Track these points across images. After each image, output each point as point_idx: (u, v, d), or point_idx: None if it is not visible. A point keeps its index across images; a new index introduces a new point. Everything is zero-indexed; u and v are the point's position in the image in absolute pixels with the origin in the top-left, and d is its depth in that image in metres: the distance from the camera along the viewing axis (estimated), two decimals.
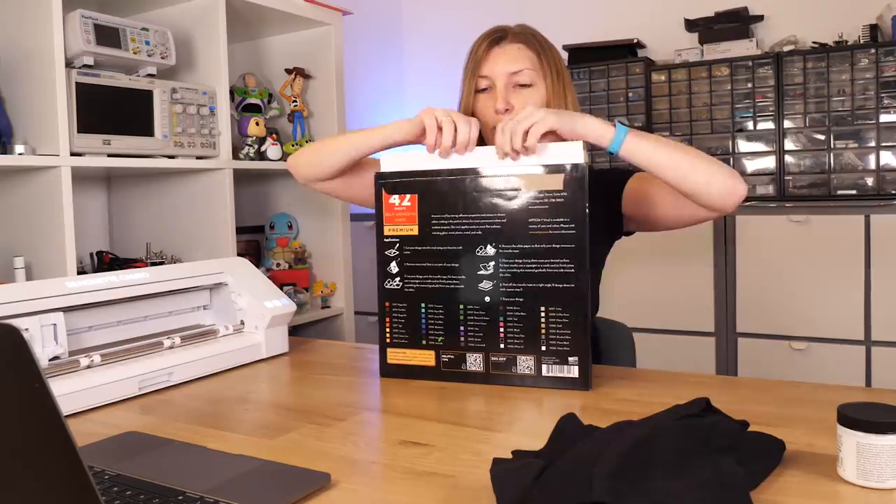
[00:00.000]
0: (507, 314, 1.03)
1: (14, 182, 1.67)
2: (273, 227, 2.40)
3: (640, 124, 2.64)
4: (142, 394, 1.05)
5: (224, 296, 1.29)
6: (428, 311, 1.08)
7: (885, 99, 2.29)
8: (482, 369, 1.05)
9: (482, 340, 1.05)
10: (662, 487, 0.59)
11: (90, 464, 0.60)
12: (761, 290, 2.30)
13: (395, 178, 1.10)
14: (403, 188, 1.09)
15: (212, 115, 1.89)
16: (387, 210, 1.10)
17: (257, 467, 0.74)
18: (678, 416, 0.70)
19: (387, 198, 1.10)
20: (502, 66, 1.24)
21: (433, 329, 1.08)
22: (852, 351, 2.18)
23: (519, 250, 1.02)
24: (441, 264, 1.07)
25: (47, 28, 1.54)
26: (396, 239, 1.10)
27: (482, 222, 1.04)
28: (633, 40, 2.76)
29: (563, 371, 1.01)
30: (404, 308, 1.09)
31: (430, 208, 1.08)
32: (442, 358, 1.07)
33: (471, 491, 0.68)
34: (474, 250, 1.05)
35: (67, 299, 1.04)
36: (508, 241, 1.03)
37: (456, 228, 1.06)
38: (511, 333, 1.03)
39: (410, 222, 1.09)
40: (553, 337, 1.01)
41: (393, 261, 1.10)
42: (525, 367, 1.03)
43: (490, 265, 1.04)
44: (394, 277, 1.10)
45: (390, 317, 1.10)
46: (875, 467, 0.63)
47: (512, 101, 1.23)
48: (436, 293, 1.07)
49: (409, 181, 1.09)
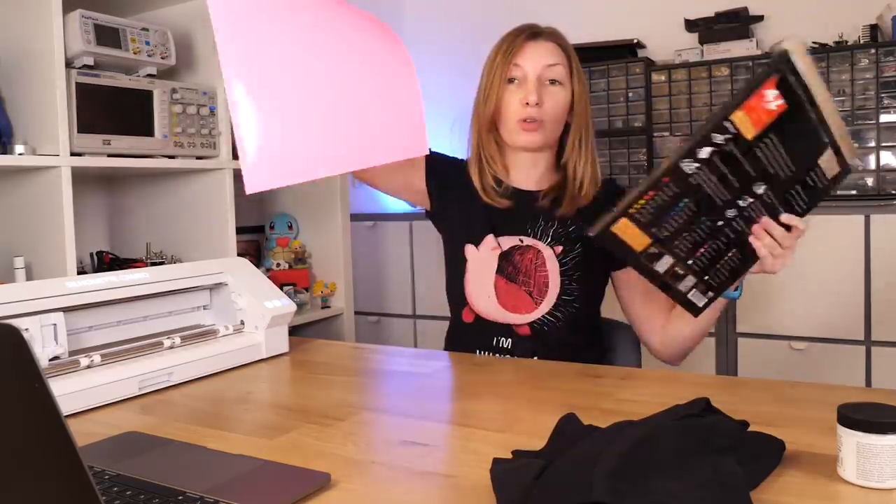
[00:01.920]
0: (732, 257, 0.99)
1: (14, 182, 1.67)
2: (273, 227, 2.40)
3: (640, 124, 2.64)
4: (142, 394, 1.05)
5: (224, 296, 1.29)
6: (685, 208, 0.93)
7: (885, 99, 2.29)
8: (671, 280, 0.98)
9: (699, 265, 0.97)
10: (662, 487, 0.59)
11: (90, 464, 0.60)
12: (761, 290, 2.30)
13: (797, 78, 0.88)
14: (790, 96, 0.89)
15: (212, 115, 1.89)
16: (755, 97, 0.89)
17: (257, 467, 0.74)
18: (678, 416, 0.70)
19: (767, 86, 0.89)
20: (539, 58, 1.25)
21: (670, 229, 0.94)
22: (852, 351, 2.18)
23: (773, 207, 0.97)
24: (736, 185, 0.93)
25: (47, 28, 1.54)
26: (733, 132, 0.90)
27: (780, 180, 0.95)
28: (633, 40, 2.76)
29: None
30: (672, 194, 0.92)
31: (783, 133, 0.91)
32: (650, 251, 0.95)
33: (471, 491, 0.68)
34: (761, 196, 0.95)
35: (67, 299, 1.04)
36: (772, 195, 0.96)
37: (771, 165, 0.93)
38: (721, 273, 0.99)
39: (756, 125, 0.90)
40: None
41: (709, 146, 0.90)
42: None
43: (751, 210, 0.97)
44: (694, 161, 0.91)
45: (656, 190, 0.92)
46: (875, 467, 0.63)
47: (543, 96, 1.25)
48: (705, 203, 0.93)
49: (805, 101, 0.90)
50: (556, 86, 1.26)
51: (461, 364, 1.20)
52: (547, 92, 1.25)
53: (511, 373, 1.12)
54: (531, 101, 1.23)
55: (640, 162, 2.65)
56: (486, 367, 1.16)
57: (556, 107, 1.26)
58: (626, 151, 2.66)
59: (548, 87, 1.26)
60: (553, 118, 1.26)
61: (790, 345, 2.26)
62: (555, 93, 1.26)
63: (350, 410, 0.95)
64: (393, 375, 1.17)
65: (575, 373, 1.09)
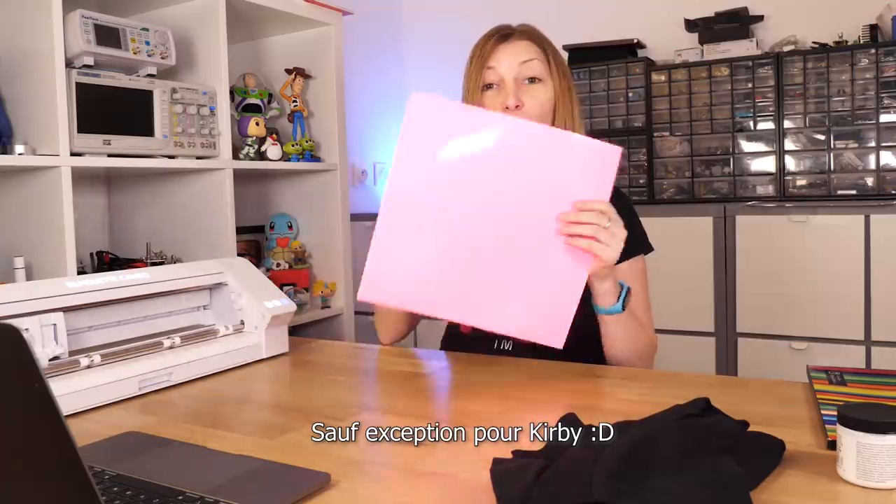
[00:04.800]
0: None
1: (14, 182, 1.67)
2: (273, 227, 2.40)
3: (640, 124, 2.64)
4: (142, 394, 1.05)
5: (224, 296, 1.29)
6: None
7: (885, 99, 2.29)
8: None
9: None
10: (662, 487, 0.59)
11: (90, 464, 0.60)
12: (761, 290, 2.30)
13: None
14: None
15: (212, 115, 1.89)
16: None
17: (257, 467, 0.74)
18: (678, 416, 0.70)
19: None
20: (513, 58, 1.21)
21: None
22: (852, 351, 2.18)
23: None
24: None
25: (47, 28, 1.54)
26: None
27: None
28: (633, 40, 2.76)
29: None
30: None
31: None
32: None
33: (471, 491, 0.68)
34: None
35: (67, 299, 1.04)
36: None
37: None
38: None
39: None
40: None
41: None
42: None
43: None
44: None
45: None
46: (875, 467, 0.63)
47: (522, 97, 1.20)
48: None
49: None
50: (535, 83, 1.21)
51: (461, 364, 1.20)
52: (526, 92, 1.21)
53: (511, 373, 1.12)
54: (510, 104, 1.18)
55: (640, 162, 2.65)
56: (486, 367, 1.16)
57: (539, 105, 1.21)
58: (626, 151, 2.66)
59: (527, 87, 1.21)
60: (537, 117, 1.21)
61: (790, 345, 2.26)
62: (535, 91, 1.21)
63: (350, 410, 0.95)
64: (393, 375, 1.17)
65: (575, 373, 1.09)
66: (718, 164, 2.54)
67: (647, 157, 2.63)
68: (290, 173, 2.38)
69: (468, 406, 0.97)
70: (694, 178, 2.57)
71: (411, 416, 0.93)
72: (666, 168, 2.62)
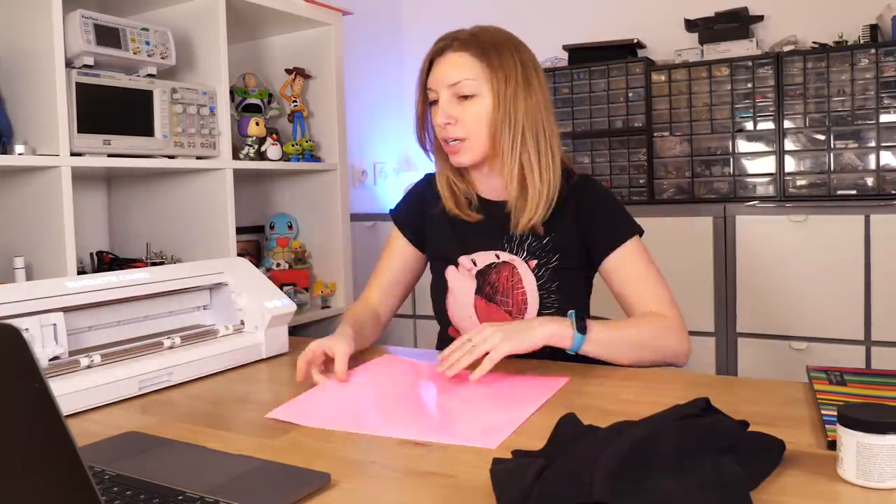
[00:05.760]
0: None
1: (14, 182, 1.67)
2: (273, 227, 2.40)
3: (640, 124, 2.64)
4: (142, 394, 1.05)
5: (224, 296, 1.29)
6: None
7: (885, 99, 2.29)
8: None
9: None
10: (662, 487, 0.59)
11: (90, 464, 0.60)
12: (761, 290, 2.30)
13: None
14: None
15: (212, 115, 1.89)
16: None
17: (257, 467, 0.74)
18: (678, 416, 0.70)
19: None
20: (444, 77, 1.21)
21: None
22: (852, 351, 2.18)
23: None
24: None
25: (47, 28, 1.54)
26: None
27: None
28: (633, 40, 2.76)
29: None
30: None
31: None
32: None
33: (471, 491, 0.68)
34: None
35: (67, 299, 1.04)
36: None
37: None
38: None
39: None
40: None
41: None
42: None
43: None
44: None
45: None
46: (875, 467, 0.63)
47: (454, 113, 1.20)
48: None
49: None
50: (469, 100, 1.20)
51: None
52: (460, 108, 1.20)
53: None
54: (440, 123, 1.21)
55: (640, 162, 2.65)
56: None
57: (475, 120, 1.20)
58: (626, 151, 2.66)
59: (461, 103, 1.21)
60: (475, 132, 1.20)
61: (790, 345, 2.26)
62: (468, 106, 1.20)
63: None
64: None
65: (575, 373, 1.09)
66: (718, 165, 2.54)
67: (647, 157, 2.63)
68: (290, 173, 2.38)
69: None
70: (694, 179, 2.57)
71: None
72: (666, 168, 2.61)
